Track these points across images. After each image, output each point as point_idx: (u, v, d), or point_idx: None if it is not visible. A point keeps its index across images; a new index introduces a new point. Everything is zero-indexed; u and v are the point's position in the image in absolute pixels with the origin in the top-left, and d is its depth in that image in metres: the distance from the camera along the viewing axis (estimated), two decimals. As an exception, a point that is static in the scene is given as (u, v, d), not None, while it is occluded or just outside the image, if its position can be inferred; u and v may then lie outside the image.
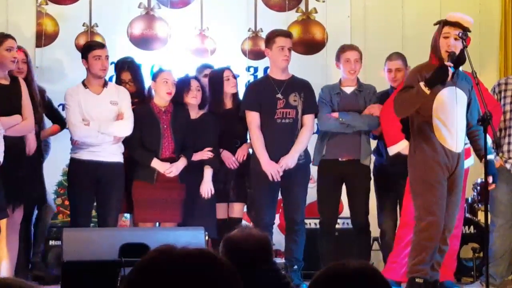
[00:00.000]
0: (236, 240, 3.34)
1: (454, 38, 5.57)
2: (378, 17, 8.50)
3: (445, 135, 5.61)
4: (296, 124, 6.61)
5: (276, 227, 7.08)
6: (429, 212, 5.57)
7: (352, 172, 6.67)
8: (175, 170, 6.45)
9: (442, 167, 5.61)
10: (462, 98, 5.65)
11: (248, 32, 8.37)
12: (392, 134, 6.37)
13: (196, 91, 6.66)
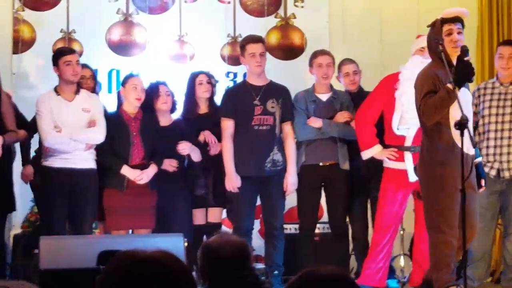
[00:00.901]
0: (214, 246, 3.34)
1: (457, 33, 5.49)
2: (356, 22, 8.53)
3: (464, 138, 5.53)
4: (273, 130, 6.61)
5: (256, 232, 7.09)
6: (449, 224, 5.40)
7: (332, 177, 6.69)
8: (146, 177, 6.43)
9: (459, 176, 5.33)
10: (470, 99, 5.62)
11: (227, 38, 8.37)
12: (366, 138, 6.38)
13: (166, 97, 6.65)
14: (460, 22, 5.51)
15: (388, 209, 6.24)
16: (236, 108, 6.63)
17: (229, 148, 6.59)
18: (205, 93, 6.83)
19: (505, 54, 6.62)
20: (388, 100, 6.25)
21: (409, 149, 6.20)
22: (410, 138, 6.21)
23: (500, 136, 6.47)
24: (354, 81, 6.98)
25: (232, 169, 6.55)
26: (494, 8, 8.31)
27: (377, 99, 6.37)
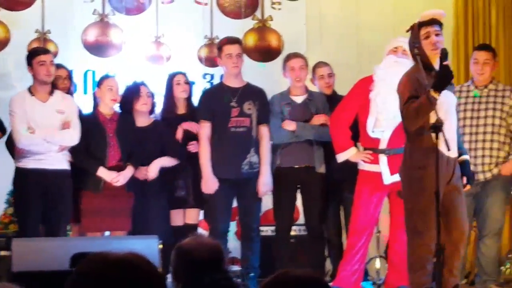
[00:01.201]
0: (187, 248, 3.32)
1: (436, 35, 5.45)
2: (333, 24, 8.55)
3: (443, 141, 5.55)
4: (250, 132, 6.61)
5: (232, 234, 7.09)
6: (428, 227, 5.37)
7: (307, 179, 6.69)
8: (122, 179, 6.40)
9: (442, 177, 5.35)
10: (453, 101, 5.59)
11: (204, 39, 8.35)
12: (341, 141, 6.38)
13: (146, 98, 6.63)
14: (438, 24, 5.49)
15: (363, 211, 6.25)
16: (213, 110, 6.62)
17: (206, 151, 6.58)
18: (183, 93, 6.82)
19: (480, 59, 6.66)
20: (363, 103, 6.25)
21: (384, 152, 6.21)
22: (385, 141, 6.21)
23: (475, 139, 6.50)
24: (329, 84, 7.00)
25: (209, 172, 6.53)
26: (469, 12, 8.34)
27: (351, 102, 6.37)
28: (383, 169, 6.18)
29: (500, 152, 6.49)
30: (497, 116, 6.47)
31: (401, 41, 6.23)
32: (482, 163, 6.45)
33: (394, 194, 6.21)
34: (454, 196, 5.43)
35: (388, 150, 6.17)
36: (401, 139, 6.11)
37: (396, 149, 6.12)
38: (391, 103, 6.08)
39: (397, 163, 6.09)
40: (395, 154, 6.11)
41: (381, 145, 6.22)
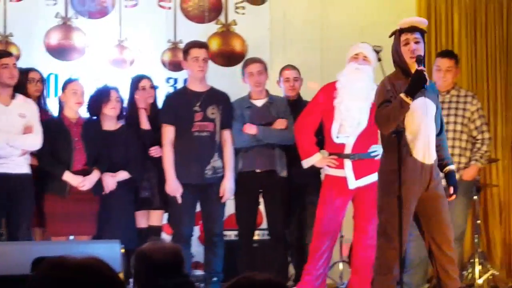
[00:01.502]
0: (147, 252, 3.30)
1: (415, 42, 5.44)
2: (297, 30, 8.57)
3: (417, 147, 5.56)
4: (214, 137, 6.60)
5: (196, 239, 7.07)
6: (397, 231, 5.44)
7: (269, 184, 6.69)
8: (88, 184, 6.37)
9: (415, 183, 5.41)
10: (432, 109, 5.59)
11: (168, 43, 8.33)
12: (307, 147, 6.39)
13: (116, 102, 6.59)
14: (418, 32, 5.52)
15: (327, 215, 6.26)
16: (176, 114, 6.61)
17: (169, 155, 6.56)
18: (149, 98, 6.79)
19: (442, 67, 6.71)
20: (327, 108, 6.27)
21: (348, 157, 6.23)
22: (350, 146, 6.24)
23: (436, 145, 6.53)
24: (293, 87, 6.99)
25: (173, 176, 6.52)
26: (432, 18, 8.41)
27: (316, 107, 6.39)
28: (348, 174, 6.20)
29: (461, 157, 6.54)
30: (458, 122, 6.52)
31: (361, 47, 6.27)
32: (444, 168, 6.48)
33: (358, 199, 6.24)
34: (436, 202, 5.43)
35: (353, 155, 6.20)
36: (366, 145, 6.16)
37: (360, 154, 6.16)
38: (355, 110, 6.12)
39: (362, 168, 6.15)
40: (360, 159, 6.15)
41: (346, 150, 6.24)
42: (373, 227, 6.15)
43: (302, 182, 6.69)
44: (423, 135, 5.38)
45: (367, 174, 6.15)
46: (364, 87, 6.13)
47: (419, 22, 5.62)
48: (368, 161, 6.17)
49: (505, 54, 8.29)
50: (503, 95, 8.25)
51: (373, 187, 6.06)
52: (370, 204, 6.12)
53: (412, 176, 5.32)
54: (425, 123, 5.42)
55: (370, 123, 6.12)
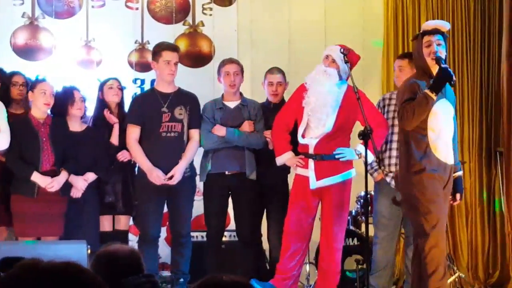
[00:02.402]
0: (105, 255, 3.28)
1: (437, 44, 5.64)
2: (264, 30, 8.58)
3: (440, 148, 5.69)
4: (181, 137, 6.58)
5: (162, 240, 7.05)
6: (434, 227, 5.60)
7: (238, 185, 6.69)
8: (57, 185, 6.32)
9: (439, 181, 5.66)
10: (451, 111, 5.75)
11: (135, 44, 8.31)
12: (280, 145, 6.40)
13: (80, 103, 6.56)
14: (440, 34, 5.67)
15: (294, 214, 6.26)
16: (144, 115, 6.59)
17: (137, 149, 6.54)
18: (115, 97, 6.76)
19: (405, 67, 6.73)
20: (299, 108, 6.29)
21: (312, 157, 6.24)
22: (312, 147, 6.24)
23: (403, 147, 6.56)
24: (276, 92, 6.89)
25: (149, 165, 6.48)
26: (399, 22, 8.45)
27: (291, 106, 6.41)
28: (310, 173, 6.22)
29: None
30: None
31: (330, 49, 6.30)
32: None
33: (323, 201, 6.23)
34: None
35: (315, 156, 6.21)
36: (330, 147, 6.17)
37: (322, 155, 6.17)
38: (320, 112, 6.13)
39: (324, 169, 6.14)
40: (322, 160, 6.16)
41: (309, 150, 6.26)
42: (338, 229, 6.18)
43: (265, 183, 6.71)
44: (445, 136, 5.62)
45: (329, 175, 6.16)
46: (328, 90, 6.15)
47: (441, 25, 5.80)
48: (331, 162, 6.17)
49: (471, 55, 8.36)
50: (469, 97, 8.31)
51: (337, 188, 6.10)
52: (334, 206, 6.14)
53: (440, 174, 5.63)
54: (446, 124, 5.63)
55: (337, 126, 6.14)
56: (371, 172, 6.56)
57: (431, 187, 5.62)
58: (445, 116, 5.67)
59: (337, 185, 6.16)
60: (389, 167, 6.58)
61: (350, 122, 6.26)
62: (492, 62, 8.31)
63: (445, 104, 5.67)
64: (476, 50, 8.38)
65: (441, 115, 5.64)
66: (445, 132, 5.68)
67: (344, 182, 6.22)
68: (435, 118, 5.60)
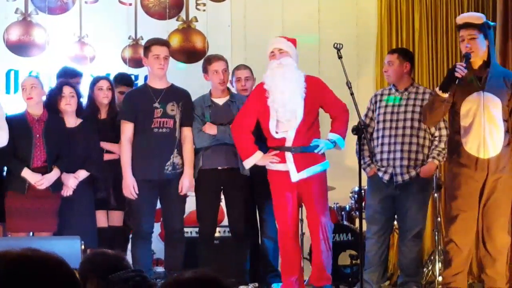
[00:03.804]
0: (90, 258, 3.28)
1: (470, 39, 5.70)
2: (258, 26, 8.57)
3: (471, 142, 5.73)
4: (173, 133, 6.57)
5: (156, 235, 7.04)
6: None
7: (231, 181, 6.68)
8: (46, 182, 6.31)
9: (471, 178, 5.78)
10: (492, 102, 5.77)
11: (129, 40, 8.30)
12: (246, 147, 6.34)
13: (70, 98, 6.53)
14: (474, 27, 5.70)
15: (280, 211, 6.25)
16: (136, 111, 6.58)
17: (127, 152, 6.53)
18: (105, 99, 6.77)
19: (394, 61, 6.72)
20: (261, 109, 6.26)
21: (290, 150, 6.21)
22: (290, 140, 6.18)
23: (394, 142, 6.57)
24: (245, 87, 6.98)
25: (129, 173, 6.49)
26: (393, 17, 8.46)
27: (251, 107, 6.36)
28: (290, 166, 6.17)
29: (418, 154, 6.57)
30: (416, 118, 6.55)
31: (272, 43, 6.27)
32: (400, 165, 6.52)
33: (305, 194, 6.19)
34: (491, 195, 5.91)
35: (294, 148, 6.17)
36: (307, 138, 6.12)
37: (301, 147, 6.14)
38: (290, 104, 6.10)
39: (303, 160, 6.12)
40: (301, 153, 6.13)
41: (286, 143, 6.20)
42: (326, 220, 6.13)
43: (264, 179, 6.70)
44: (478, 129, 5.72)
45: (309, 166, 6.13)
46: (291, 78, 6.12)
47: (473, 17, 5.83)
48: (309, 154, 6.14)
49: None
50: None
51: (317, 179, 6.07)
52: (318, 196, 6.09)
53: (470, 172, 5.77)
54: (480, 118, 5.69)
55: (307, 114, 6.11)
56: (364, 167, 6.56)
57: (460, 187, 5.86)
58: (477, 109, 5.77)
59: (319, 176, 6.13)
60: (380, 162, 6.58)
61: (315, 109, 6.23)
62: (485, 57, 8.31)
63: (480, 96, 5.79)
64: (469, 46, 8.38)
65: (473, 109, 5.75)
66: (478, 126, 5.76)
67: (323, 172, 6.23)
68: (466, 113, 5.79)
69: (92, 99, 6.78)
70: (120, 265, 3.12)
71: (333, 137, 6.11)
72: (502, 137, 5.82)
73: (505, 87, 5.82)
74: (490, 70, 5.80)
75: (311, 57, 6.60)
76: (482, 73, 5.81)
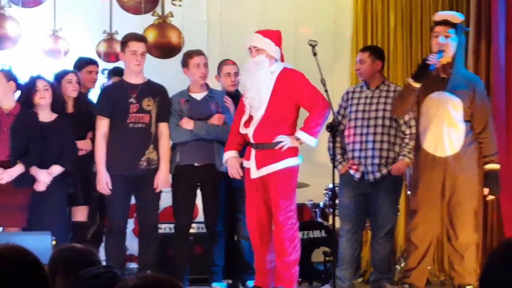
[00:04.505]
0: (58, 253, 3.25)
1: (445, 36, 5.75)
2: (234, 22, 8.56)
3: (429, 140, 5.76)
4: (149, 129, 6.55)
5: (130, 231, 7.02)
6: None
7: (207, 177, 6.67)
8: (7, 177, 6.26)
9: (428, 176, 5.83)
10: (452, 102, 5.79)
11: (103, 34, 8.24)
12: (229, 143, 6.33)
13: (44, 91, 6.49)
14: (452, 26, 5.74)
15: (247, 209, 6.23)
16: (112, 106, 6.56)
17: (101, 147, 6.51)
18: (73, 92, 6.76)
19: (365, 60, 6.72)
20: (242, 108, 6.26)
21: (253, 146, 6.19)
22: (251, 135, 6.16)
23: (365, 140, 6.59)
24: (234, 82, 6.99)
25: (103, 169, 6.46)
26: (368, 15, 8.47)
27: (238, 109, 6.37)
28: (251, 163, 6.17)
29: (390, 152, 6.59)
30: (387, 117, 6.57)
31: (249, 40, 6.26)
32: (372, 163, 6.54)
33: (270, 190, 6.09)
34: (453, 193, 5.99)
35: (256, 145, 6.16)
36: (269, 134, 6.06)
37: (264, 144, 6.11)
38: (257, 99, 6.09)
39: (264, 157, 6.08)
40: (263, 149, 6.10)
41: (250, 139, 6.20)
42: (284, 217, 6.04)
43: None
44: (436, 128, 5.80)
45: (269, 163, 6.08)
46: (260, 76, 6.10)
47: (452, 16, 5.88)
48: (271, 151, 6.08)
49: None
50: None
51: (279, 177, 6.02)
52: (276, 194, 6.05)
53: (427, 169, 5.83)
54: (439, 116, 5.77)
55: (272, 110, 6.08)
56: (336, 165, 6.55)
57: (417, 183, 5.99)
58: (437, 108, 5.83)
59: (280, 173, 6.06)
60: (352, 160, 6.59)
61: (288, 105, 6.11)
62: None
63: (441, 96, 5.86)
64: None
65: (432, 108, 5.79)
66: (436, 125, 5.80)
67: (287, 169, 6.08)
68: (426, 110, 5.81)
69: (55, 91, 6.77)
70: (90, 260, 3.09)
71: (298, 134, 6.04)
72: (462, 137, 5.88)
73: (467, 89, 5.88)
74: (453, 71, 5.86)
75: (287, 54, 6.59)
76: (445, 73, 5.86)
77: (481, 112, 5.91)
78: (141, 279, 2.03)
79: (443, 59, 5.86)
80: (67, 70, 6.92)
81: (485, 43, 7.64)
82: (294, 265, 6.11)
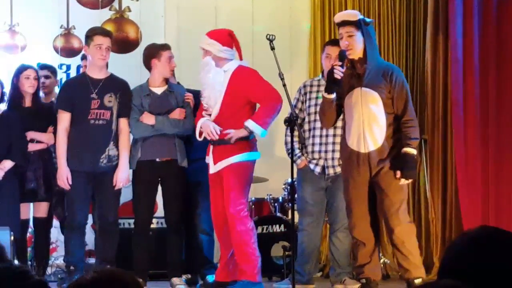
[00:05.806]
0: None
1: (349, 36, 5.72)
2: (191, 17, 8.55)
3: (352, 137, 5.75)
4: (110, 125, 6.53)
5: (89, 227, 6.99)
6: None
7: (168, 173, 6.65)
8: None
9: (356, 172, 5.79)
10: (370, 97, 5.77)
11: (60, 29, 8.18)
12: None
13: None
14: (351, 24, 5.72)
15: (212, 203, 6.24)
16: (73, 101, 6.52)
17: (62, 142, 6.48)
18: (30, 88, 6.76)
19: (332, 54, 6.71)
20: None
21: (211, 143, 6.21)
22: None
23: (326, 134, 6.61)
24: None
25: (64, 164, 6.43)
26: (326, 9, 8.51)
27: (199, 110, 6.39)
28: (210, 159, 6.21)
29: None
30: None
31: (200, 43, 6.27)
32: (332, 157, 6.57)
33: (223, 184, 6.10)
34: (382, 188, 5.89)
35: (213, 141, 6.18)
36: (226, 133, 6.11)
37: (219, 140, 6.11)
38: (213, 99, 6.11)
39: (219, 153, 6.11)
40: (219, 145, 6.12)
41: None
42: (235, 211, 6.04)
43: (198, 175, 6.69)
44: (357, 124, 5.74)
45: (224, 158, 6.11)
46: (214, 77, 6.12)
47: (348, 15, 5.86)
48: (227, 146, 6.10)
49: (397, 44, 8.45)
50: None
51: (231, 171, 6.04)
52: (228, 188, 6.06)
53: (352, 165, 5.79)
54: (358, 113, 5.73)
55: (226, 108, 6.10)
56: (295, 159, 6.56)
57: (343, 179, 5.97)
58: (355, 105, 5.77)
59: (233, 167, 6.08)
60: (312, 154, 6.62)
61: (241, 101, 6.13)
62: (417, 51, 8.42)
63: (358, 93, 5.78)
64: (402, 39, 8.49)
65: (352, 105, 5.78)
66: (357, 121, 5.77)
67: (240, 163, 6.11)
68: (347, 110, 5.81)
69: (16, 87, 6.71)
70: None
71: (246, 123, 6.05)
72: (384, 131, 5.81)
73: (383, 81, 5.85)
74: (367, 66, 5.84)
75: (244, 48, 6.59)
76: (360, 69, 5.85)
77: (400, 96, 5.81)
78: (99, 273, 2.02)
79: (353, 56, 5.83)
80: (26, 66, 6.88)
81: (442, 38, 7.71)
82: (252, 256, 6.12)
